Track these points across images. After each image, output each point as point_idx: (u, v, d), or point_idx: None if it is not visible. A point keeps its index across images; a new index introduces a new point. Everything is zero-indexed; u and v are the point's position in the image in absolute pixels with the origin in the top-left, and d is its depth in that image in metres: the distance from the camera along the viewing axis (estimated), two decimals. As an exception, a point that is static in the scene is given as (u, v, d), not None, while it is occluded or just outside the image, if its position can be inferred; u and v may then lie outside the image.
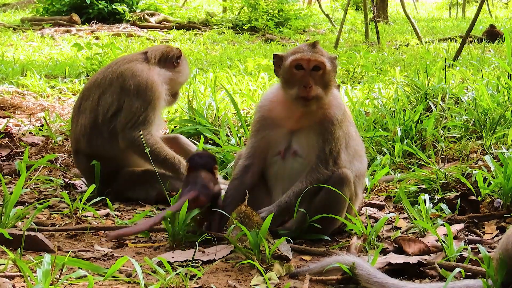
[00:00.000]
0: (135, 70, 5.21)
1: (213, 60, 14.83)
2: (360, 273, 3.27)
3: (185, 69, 5.53)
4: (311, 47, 4.18)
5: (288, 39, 21.60)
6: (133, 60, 5.33)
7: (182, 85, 5.69)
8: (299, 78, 4.14)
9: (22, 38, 19.64)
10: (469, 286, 3.13)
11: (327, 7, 32.75)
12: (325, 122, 4.18)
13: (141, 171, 5.19)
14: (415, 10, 39.06)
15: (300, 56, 4.14)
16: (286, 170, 4.22)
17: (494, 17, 30.47)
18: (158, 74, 5.27)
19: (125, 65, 5.28)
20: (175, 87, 5.46)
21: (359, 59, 12.20)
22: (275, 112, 4.26)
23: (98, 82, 5.28)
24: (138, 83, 5.14)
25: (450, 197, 4.71)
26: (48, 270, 2.93)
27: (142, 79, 5.15)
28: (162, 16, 25.11)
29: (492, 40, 17.53)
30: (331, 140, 4.15)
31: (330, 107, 4.22)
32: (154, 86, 5.16)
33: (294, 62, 4.14)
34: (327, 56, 4.20)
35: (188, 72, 5.60)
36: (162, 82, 5.26)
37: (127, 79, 5.17)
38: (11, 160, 6.26)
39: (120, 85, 5.16)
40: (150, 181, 5.07)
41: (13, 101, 9.22)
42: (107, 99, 5.17)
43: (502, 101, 6.55)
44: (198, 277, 3.39)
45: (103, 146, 5.16)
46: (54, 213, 4.68)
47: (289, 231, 4.08)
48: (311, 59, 4.12)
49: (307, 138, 4.19)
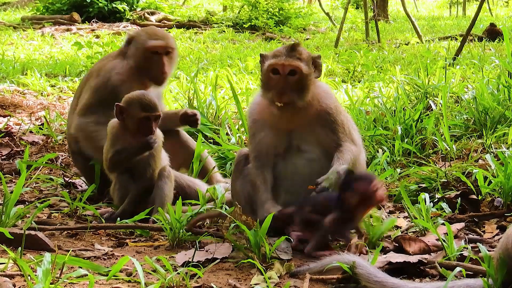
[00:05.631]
0: (103, 65, 5.20)
1: (213, 59, 14.83)
2: (360, 272, 3.27)
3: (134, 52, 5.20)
4: (289, 50, 4.13)
5: (288, 37, 21.57)
6: (109, 56, 5.34)
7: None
8: (274, 82, 4.12)
9: (23, 37, 19.62)
10: (469, 285, 3.13)
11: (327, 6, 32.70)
12: (322, 114, 4.17)
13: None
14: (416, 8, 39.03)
15: (275, 61, 4.10)
16: (289, 170, 4.21)
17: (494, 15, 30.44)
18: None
19: (101, 61, 5.31)
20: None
21: (359, 57, 12.19)
22: (264, 115, 4.25)
23: (84, 79, 5.34)
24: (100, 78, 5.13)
25: (450, 196, 4.71)
26: (48, 269, 2.93)
27: (105, 74, 5.13)
28: (162, 15, 25.08)
29: (493, 39, 17.50)
30: (338, 126, 4.17)
31: (320, 99, 4.22)
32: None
33: (270, 67, 4.12)
34: (306, 58, 4.14)
35: (139, 55, 5.17)
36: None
37: (95, 74, 5.18)
38: (12, 159, 6.26)
39: (93, 80, 5.17)
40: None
41: (14, 100, 9.22)
42: (84, 96, 5.19)
43: (502, 99, 6.54)
44: (198, 276, 3.39)
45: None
46: (55, 212, 4.68)
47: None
48: (285, 64, 4.08)
49: (311, 134, 4.17)
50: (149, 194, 4.58)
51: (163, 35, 5.20)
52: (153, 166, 4.62)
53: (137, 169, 4.62)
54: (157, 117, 4.58)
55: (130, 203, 4.54)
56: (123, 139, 4.58)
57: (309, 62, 4.15)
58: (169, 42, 5.17)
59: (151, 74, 5.12)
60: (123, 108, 4.55)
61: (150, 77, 5.13)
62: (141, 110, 4.52)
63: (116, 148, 4.57)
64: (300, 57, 4.12)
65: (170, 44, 5.17)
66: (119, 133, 4.59)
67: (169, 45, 5.16)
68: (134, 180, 4.60)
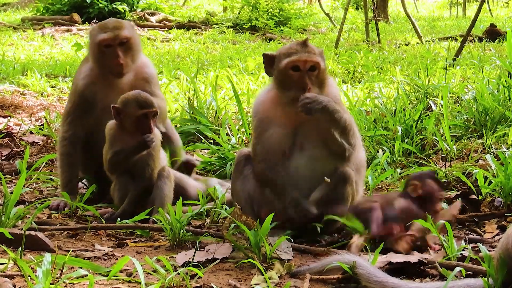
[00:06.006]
0: (76, 71, 5.17)
1: (213, 60, 14.82)
2: (361, 272, 3.27)
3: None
4: (304, 46, 4.15)
5: (288, 38, 21.58)
6: (83, 60, 5.28)
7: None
8: (295, 79, 4.12)
9: (23, 38, 19.63)
10: (469, 285, 3.13)
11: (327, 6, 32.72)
12: None
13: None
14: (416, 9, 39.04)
15: (296, 57, 4.11)
16: (293, 169, 4.21)
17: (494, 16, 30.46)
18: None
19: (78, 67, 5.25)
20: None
21: (359, 58, 12.20)
22: (271, 112, 4.24)
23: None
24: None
25: (450, 196, 4.70)
26: (48, 269, 2.93)
27: (75, 81, 5.09)
28: (162, 16, 25.10)
29: (493, 39, 17.51)
30: (344, 112, 4.17)
31: (329, 89, 4.23)
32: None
33: (290, 64, 4.11)
34: (319, 53, 4.19)
35: (94, 51, 5.01)
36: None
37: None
38: (12, 159, 6.27)
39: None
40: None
41: (14, 100, 9.22)
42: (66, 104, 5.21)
43: (502, 100, 6.55)
44: (198, 276, 3.39)
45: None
46: (55, 213, 4.69)
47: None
48: (308, 59, 4.11)
49: (316, 129, 4.17)
50: (148, 194, 4.58)
51: (114, 26, 4.92)
52: (152, 166, 4.62)
53: (136, 169, 4.62)
54: (154, 114, 4.58)
55: (130, 203, 4.54)
56: (121, 140, 4.58)
57: (322, 56, 4.19)
58: (120, 32, 4.89)
59: (109, 68, 4.91)
60: (119, 109, 4.55)
61: (109, 71, 4.92)
62: (138, 108, 4.52)
63: (115, 149, 4.57)
64: (315, 52, 4.16)
65: (122, 34, 4.89)
66: (117, 134, 4.59)
67: (120, 35, 4.88)
68: (133, 180, 4.60)
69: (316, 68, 4.13)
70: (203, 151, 6.35)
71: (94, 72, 4.97)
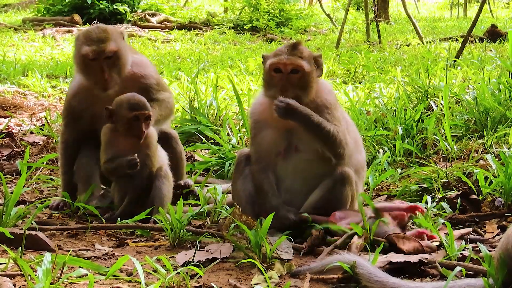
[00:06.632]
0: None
1: (214, 60, 14.83)
2: (361, 272, 3.27)
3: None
4: (291, 49, 4.15)
5: (289, 39, 21.57)
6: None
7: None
8: (276, 81, 4.14)
9: (24, 39, 19.64)
10: (470, 285, 3.13)
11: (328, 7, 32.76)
12: (319, 108, 4.16)
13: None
14: (417, 10, 39.06)
15: (277, 60, 4.12)
16: (289, 170, 4.21)
17: (495, 17, 30.47)
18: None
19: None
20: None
21: (360, 59, 12.20)
22: (265, 114, 4.24)
23: None
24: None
25: (451, 196, 4.70)
26: (48, 269, 2.93)
27: (67, 92, 5.04)
28: (163, 16, 25.11)
29: (493, 40, 17.50)
30: (334, 119, 4.15)
31: (321, 95, 4.22)
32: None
33: (272, 66, 4.14)
34: (307, 57, 4.15)
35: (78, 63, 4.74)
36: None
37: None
38: (12, 159, 6.27)
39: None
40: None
41: (15, 101, 9.23)
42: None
43: (503, 100, 6.55)
44: (199, 276, 3.39)
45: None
46: (55, 212, 4.69)
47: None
48: (287, 63, 4.10)
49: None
50: (147, 194, 4.58)
51: (99, 39, 4.57)
52: (149, 165, 4.61)
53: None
54: (147, 117, 4.52)
55: (129, 203, 4.54)
56: (115, 143, 4.57)
57: (310, 60, 4.16)
58: (106, 46, 4.56)
59: (94, 81, 4.65)
60: (112, 110, 4.53)
61: (95, 84, 4.66)
62: (129, 110, 4.48)
63: (108, 154, 4.57)
64: (302, 55, 4.13)
65: (108, 48, 4.56)
66: (111, 137, 4.58)
67: (106, 50, 4.56)
68: (132, 180, 4.60)
69: (298, 71, 4.12)
70: (203, 151, 6.35)
71: (80, 83, 4.81)
